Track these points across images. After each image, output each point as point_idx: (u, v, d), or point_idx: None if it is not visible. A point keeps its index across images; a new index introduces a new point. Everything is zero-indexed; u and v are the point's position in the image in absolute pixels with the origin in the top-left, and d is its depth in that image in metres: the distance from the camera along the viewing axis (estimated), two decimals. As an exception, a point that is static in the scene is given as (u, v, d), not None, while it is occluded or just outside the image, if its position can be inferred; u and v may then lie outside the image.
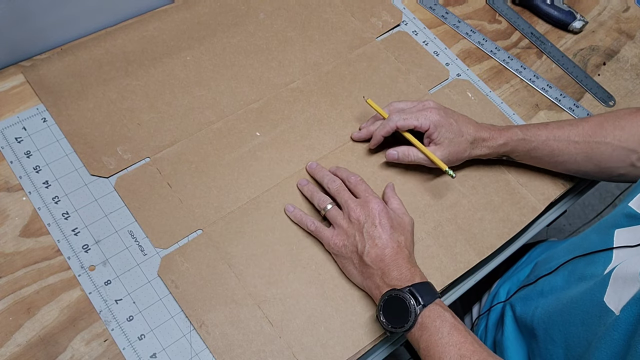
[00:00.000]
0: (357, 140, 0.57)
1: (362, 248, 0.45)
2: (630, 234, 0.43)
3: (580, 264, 0.47)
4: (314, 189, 0.52)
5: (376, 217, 0.46)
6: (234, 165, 0.54)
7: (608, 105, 0.65)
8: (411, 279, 0.44)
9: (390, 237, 0.45)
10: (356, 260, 0.46)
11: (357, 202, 0.48)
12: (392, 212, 0.48)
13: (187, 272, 0.47)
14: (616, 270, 0.40)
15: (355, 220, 0.47)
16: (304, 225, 0.50)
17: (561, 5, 0.71)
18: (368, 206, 0.47)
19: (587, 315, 0.41)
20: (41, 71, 0.55)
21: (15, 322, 0.43)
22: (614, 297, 0.39)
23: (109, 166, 0.51)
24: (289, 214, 0.51)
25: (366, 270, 0.45)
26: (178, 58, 0.59)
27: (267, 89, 0.59)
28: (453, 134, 0.51)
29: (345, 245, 0.47)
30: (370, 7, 0.67)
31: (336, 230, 0.48)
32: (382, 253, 0.45)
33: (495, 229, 0.54)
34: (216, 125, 0.56)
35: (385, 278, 0.44)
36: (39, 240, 0.47)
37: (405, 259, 0.45)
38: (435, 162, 0.51)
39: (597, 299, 0.40)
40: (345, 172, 0.52)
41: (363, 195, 0.48)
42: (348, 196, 0.49)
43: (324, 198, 0.50)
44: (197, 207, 0.51)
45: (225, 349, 0.45)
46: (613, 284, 0.39)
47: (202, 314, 0.46)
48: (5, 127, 0.52)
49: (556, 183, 0.58)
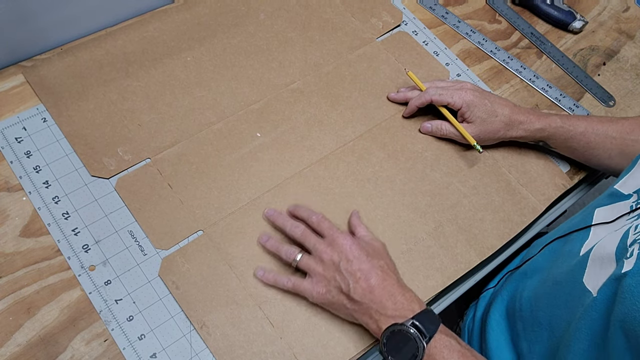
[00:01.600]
0: (392, 100, 0.60)
1: (346, 287, 0.44)
2: (608, 211, 0.44)
3: (559, 243, 0.48)
4: (278, 242, 0.50)
5: (348, 252, 0.45)
6: (235, 166, 0.54)
7: (608, 105, 0.66)
8: (410, 308, 0.42)
9: (371, 265, 0.44)
10: (345, 301, 0.44)
11: (324, 243, 0.47)
12: (362, 241, 0.47)
13: (188, 273, 0.48)
14: (594, 250, 0.41)
15: (329, 262, 0.45)
16: (280, 285, 0.48)
17: (561, 5, 0.72)
18: (337, 243, 0.46)
19: (569, 297, 0.42)
20: (41, 72, 0.56)
21: (15, 322, 0.44)
22: (593, 278, 0.39)
23: (110, 167, 0.52)
24: (260, 278, 0.49)
25: (359, 308, 0.44)
26: (178, 59, 0.59)
27: (268, 90, 0.60)
28: (486, 114, 0.54)
29: (329, 291, 0.45)
30: (371, 8, 0.68)
31: (314, 279, 0.46)
32: (368, 285, 0.43)
33: (496, 230, 0.55)
34: (217, 126, 0.56)
35: (381, 311, 0.42)
36: (39, 240, 0.47)
37: (395, 284, 0.44)
38: (465, 136, 0.55)
39: (577, 279, 0.41)
40: (304, 211, 0.50)
41: (328, 233, 0.47)
42: (315, 239, 0.47)
43: (291, 250, 0.48)
44: (197, 208, 0.51)
45: (226, 350, 0.45)
46: (591, 264, 0.40)
47: (203, 315, 0.46)
48: (5, 127, 0.52)
49: (556, 184, 0.59)
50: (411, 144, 0.59)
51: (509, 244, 0.56)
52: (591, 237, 0.43)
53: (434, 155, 0.58)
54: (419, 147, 0.59)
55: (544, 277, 0.47)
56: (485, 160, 0.59)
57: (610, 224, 0.42)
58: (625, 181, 0.45)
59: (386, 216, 0.54)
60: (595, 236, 0.43)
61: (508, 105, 0.55)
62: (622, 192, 0.44)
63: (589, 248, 0.42)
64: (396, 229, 0.53)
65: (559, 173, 0.59)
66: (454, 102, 0.55)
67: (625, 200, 0.43)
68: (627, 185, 0.45)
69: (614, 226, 0.41)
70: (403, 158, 0.58)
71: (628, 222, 0.40)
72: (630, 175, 0.45)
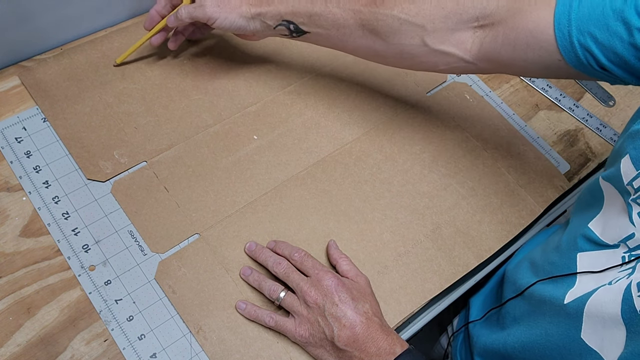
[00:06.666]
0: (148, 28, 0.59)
1: (330, 333, 0.46)
2: (594, 259, 0.45)
3: (541, 287, 0.49)
4: (260, 277, 0.52)
5: (334, 295, 0.47)
6: (231, 169, 0.58)
7: (608, 105, 0.71)
8: (392, 351, 0.45)
9: (356, 312, 0.46)
10: (329, 347, 0.47)
11: (309, 283, 0.48)
12: (347, 281, 0.49)
13: (184, 277, 0.52)
14: (588, 306, 0.42)
15: (314, 304, 0.47)
16: (261, 321, 0.50)
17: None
18: (322, 285, 0.48)
19: (565, 351, 0.43)
20: (37, 75, 0.60)
21: (15, 322, 0.47)
22: (595, 337, 0.41)
23: (106, 170, 0.56)
24: (240, 312, 0.51)
25: (343, 355, 0.46)
26: (175, 61, 0.64)
27: (265, 92, 0.64)
28: None
29: (312, 334, 0.48)
30: (368, 9, 0.73)
31: (297, 320, 0.48)
32: (353, 333, 0.46)
33: (494, 232, 0.59)
34: (213, 128, 0.61)
35: (364, 357, 0.46)
36: (39, 240, 0.51)
37: (378, 329, 0.46)
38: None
39: (572, 335, 0.42)
40: (286, 247, 0.52)
41: (312, 272, 0.49)
42: (298, 278, 0.49)
43: (274, 287, 0.50)
44: (194, 211, 0.55)
45: (223, 354, 0.49)
46: (589, 321, 0.41)
47: (199, 319, 0.50)
48: (5, 127, 0.56)
49: (555, 185, 0.63)
50: (409, 145, 0.63)
51: (507, 245, 0.60)
52: (577, 286, 0.45)
53: (431, 157, 0.63)
54: (416, 148, 0.63)
55: (530, 324, 0.49)
56: (484, 161, 0.64)
57: (598, 273, 0.43)
58: (604, 228, 0.46)
59: (384, 218, 0.58)
60: (582, 285, 0.44)
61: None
62: (606, 242, 0.45)
63: (576, 297, 0.43)
64: (394, 231, 0.58)
65: (557, 174, 0.64)
66: None
67: (613, 249, 0.44)
68: (608, 233, 0.45)
69: (603, 277, 0.43)
70: (401, 160, 0.62)
71: (620, 274, 0.42)
72: (606, 223, 0.46)
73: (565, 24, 0.43)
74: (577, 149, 0.67)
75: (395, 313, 0.54)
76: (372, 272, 0.55)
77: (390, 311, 0.54)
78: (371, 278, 0.54)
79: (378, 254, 0.56)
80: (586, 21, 0.42)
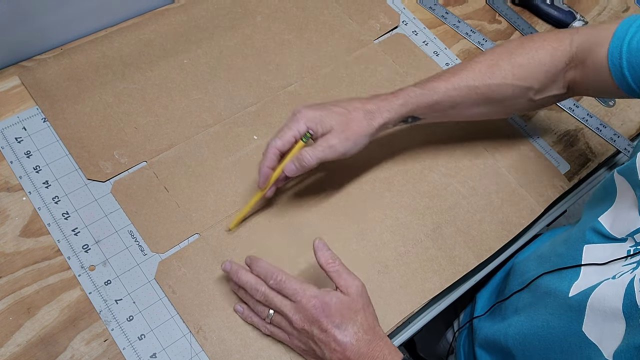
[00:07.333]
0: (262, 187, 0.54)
1: (322, 354, 0.47)
2: (600, 251, 0.46)
3: (547, 279, 0.50)
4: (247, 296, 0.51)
5: (321, 320, 0.46)
6: (231, 169, 0.59)
7: (608, 105, 0.72)
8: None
9: (344, 335, 0.46)
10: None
11: (293, 309, 0.47)
12: (334, 299, 0.47)
13: (184, 277, 0.52)
14: (592, 299, 0.43)
15: (301, 329, 0.47)
16: (258, 328, 0.51)
17: (561, 5, 0.78)
18: (305, 309, 0.46)
19: (565, 344, 0.44)
20: (37, 75, 0.60)
21: (15, 322, 0.48)
22: (595, 330, 0.42)
23: (106, 170, 0.56)
24: (239, 314, 0.52)
25: None
26: (175, 61, 0.65)
27: (265, 92, 0.65)
28: (338, 115, 0.52)
29: (305, 351, 0.49)
30: (368, 10, 0.74)
31: (290, 336, 0.49)
32: (344, 356, 0.46)
33: (495, 231, 0.60)
34: (213, 128, 0.61)
35: None
36: (39, 240, 0.52)
37: (369, 344, 0.46)
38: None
39: (574, 328, 0.43)
40: (262, 269, 0.49)
41: (294, 298, 0.47)
42: (280, 302, 0.48)
43: (261, 309, 0.50)
44: (194, 211, 0.56)
45: (223, 354, 0.49)
46: (591, 314, 0.42)
47: (199, 319, 0.51)
48: (5, 127, 0.57)
49: (555, 185, 0.64)
50: (409, 144, 0.64)
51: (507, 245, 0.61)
52: (581, 278, 0.46)
53: (432, 156, 0.63)
54: (417, 147, 0.64)
55: (532, 316, 0.50)
56: (485, 161, 0.64)
57: (602, 266, 0.45)
58: (614, 221, 0.47)
59: (384, 218, 0.59)
60: (586, 277, 0.45)
61: (355, 98, 0.55)
62: (614, 235, 0.46)
63: (581, 291, 0.44)
64: (394, 231, 0.58)
65: (557, 174, 0.65)
66: (298, 129, 0.51)
67: (619, 243, 0.45)
68: (617, 227, 0.46)
69: (607, 269, 0.44)
70: (401, 159, 0.63)
71: (624, 268, 0.43)
72: (617, 216, 0.47)
73: (617, 57, 0.50)
74: (577, 149, 0.68)
75: (395, 313, 0.54)
76: (373, 272, 0.56)
77: (390, 311, 0.54)
78: (371, 278, 0.55)
79: (378, 253, 0.57)
80: (635, 55, 0.49)
